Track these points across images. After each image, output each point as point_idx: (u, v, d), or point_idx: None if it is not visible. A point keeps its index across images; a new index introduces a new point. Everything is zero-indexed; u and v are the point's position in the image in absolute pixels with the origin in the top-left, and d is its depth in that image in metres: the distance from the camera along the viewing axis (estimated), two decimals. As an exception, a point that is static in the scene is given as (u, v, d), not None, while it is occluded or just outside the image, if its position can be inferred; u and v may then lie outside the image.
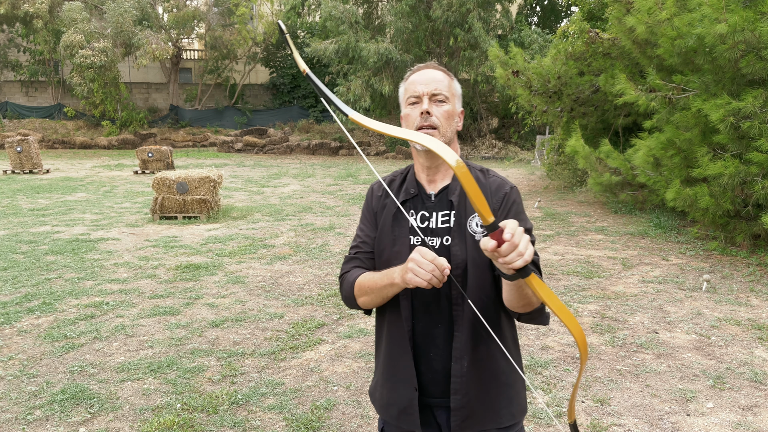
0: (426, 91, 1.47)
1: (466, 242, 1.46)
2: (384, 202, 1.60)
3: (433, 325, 1.49)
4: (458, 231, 1.47)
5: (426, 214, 1.52)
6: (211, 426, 3.09)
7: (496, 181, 1.54)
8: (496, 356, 1.51)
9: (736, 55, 5.95)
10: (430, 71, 1.51)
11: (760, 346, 4.18)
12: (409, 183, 1.58)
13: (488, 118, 27.22)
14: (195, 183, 9.30)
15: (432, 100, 1.48)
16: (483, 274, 1.46)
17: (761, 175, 6.16)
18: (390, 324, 1.57)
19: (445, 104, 1.49)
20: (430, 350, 1.51)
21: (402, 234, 1.52)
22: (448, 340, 1.48)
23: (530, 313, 1.39)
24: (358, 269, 1.56)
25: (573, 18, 13.61)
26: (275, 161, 21.68)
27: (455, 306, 1.47)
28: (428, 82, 1.49)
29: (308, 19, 29.52)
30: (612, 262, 6.57)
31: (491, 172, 1.57)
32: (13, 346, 4.18)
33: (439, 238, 1.49)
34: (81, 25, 25.52)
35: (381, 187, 1.63)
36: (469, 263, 1.45)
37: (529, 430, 3.07)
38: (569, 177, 12.81)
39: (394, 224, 1.54)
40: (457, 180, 1.51)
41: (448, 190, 1.53)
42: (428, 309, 1.50)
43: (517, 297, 1.31)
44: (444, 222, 1.50)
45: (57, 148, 26.69)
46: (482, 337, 1.49)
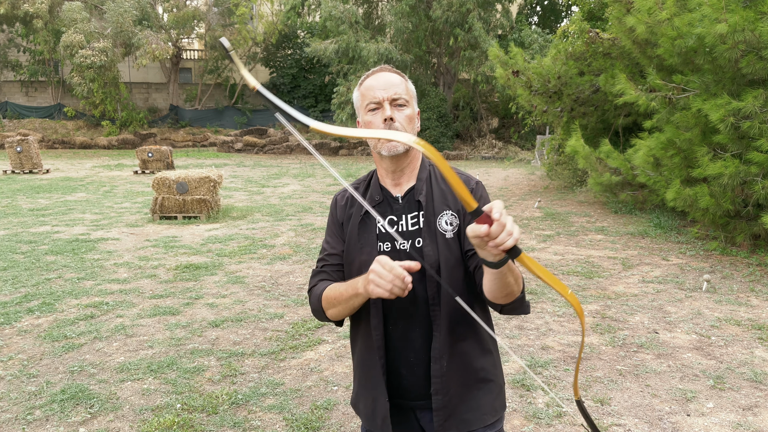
0: (386, 96, 1.44)
1: (437, 242, 1.45)
2: (349, 211, 1.57)
3: (410, 328, 1.48)
4: (428, 231, 1.46)
5: (394, 218, 1.50)
6: (211, 426, 3.09)
7: (461, 176, 1.51)
8: (475, 353, 1.50)
9: (736, 55, 5.95)
10: (387, 75, 1.48)
11: (760, 346, 4.18)
12: (373, 189, 1.56)
13: (488, 118, 27.22)
14: (195, 183, 9.30)
15: (393, 105, 1.45)
16: (455, 272, 1.45)
17: (761, 175, 6.16)
18: (362, 333, 1.55)
19: (405, 108, 1.47)
20: (409, 354, 1.49)
21: (369, 241, 1.50)
22: (426, 341, 1.47)
23: (512, 303, 1.37)
24: (325, 282, 1.53)
25: (573, 18, 13.61)
26: (275, 161, 21.68)
27: (432, 307, 1.45)
28: (387, 87, 1.45)
29: (308, 19, 29.52)
30: (612, 262, 6.57)
31: (455, 169, 1.52)
32: (13, 346, 4.18)
33: (410, 241, 1.47)
34: (81, 25, 25.52)
35: (345, 196, 1.61)
36: (442, 263, 1.44)
37: (529, 430, 3.07)
38: (569, 177, 12.81)
39: (361, 232, 1.52)
40: (422, 180, 1.52)
41: (414, 191, 1.52)
42: (405, 313, 1.48)
43: (500, 286, 1.28)
44: (414, 224, 1.48)
45: (57, 148, 26.69)
46: (460, 336, 1.48)
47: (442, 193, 1.52)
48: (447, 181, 1.10)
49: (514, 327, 4.54)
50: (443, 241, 1.45)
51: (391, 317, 1.49)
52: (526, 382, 3.58)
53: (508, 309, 1.39)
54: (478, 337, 1.52)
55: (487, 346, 1.55)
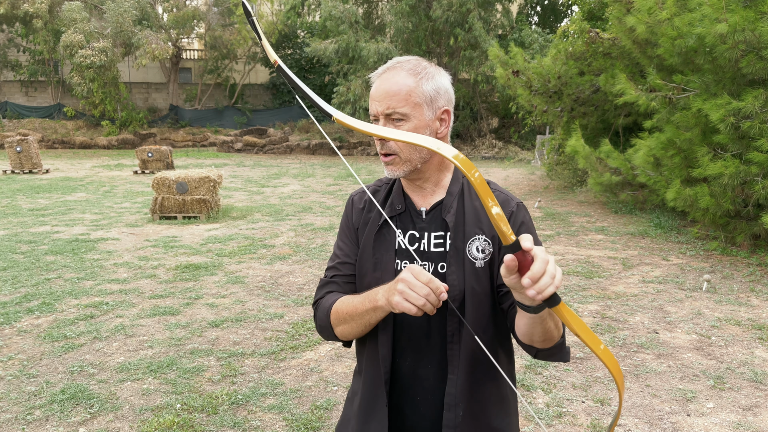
0: (380, 111, 1.24)
1: (465, 270, 1.25)
2: (367, 216, 1.37)
3: (421, 364, 1.28)
4: (455, 256, 1.26)
5: (416, 234, 1.29)
6: (211, 426, 3.09)
7: (500, 196, 1.31)
8: (492, 401, 1.32)
9: (737, 54, 5.95)
10: (390, 79, 1.25)
11: (760, 346, 4.17)
12: (395, 196, 1.35)
13: (488, 117, 27.22)
14: (195, 183, 9.30)
15: (388, 120, 1.24)
16: (482, 307, 1.26)
17: (761, 175, 6.15)
18: (368, 361, 1.34)
19: (404, 123, 1.23)
20: (416, 393, 1.29)
21: (386, 257, 1.30)
22: (439, 383, 1.27)
23: (550, 348, 1.19)
24: (336, 294, 1.33)
25: (573, 18, 13.61)
26: (275, 161, 21.68)
27: (450, 344, 1.26)
28: (382, 99, 1.23)
29: (308, 18, 29.52)
30: (612, 262, 6.56)
31: (493, 185, 1.34)
32: (13, 346, 4.18)
33: (432, 264, 1.27)
34: (81, 24, 25.51)
35: (363, 197, 1.40)
36: (468, 295, 1.24)
37: (529, 430, 3.06)
38: (569, 177, 12.81)
39: (377, 244, 1.31)
40: (453, 195, 1.31)
41: (441, 206, 1.31)
42: (416, 345, 1.28)
43: (540, 331, 1.11)
44: (438, 245, 1.28)
45: (57, 148, 26.69)
46: (479, 381, 1.28)
47: (475, 213, 1.30)
48: (482, 203, 0.93)
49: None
50: (472, 269, 1.25)
51: (398, 349, 1.29)
52: (527, 382, 3.58)
53: (544, 354, 1.21)
54: (497, 385, 1.32)
55: (507, 395, 1.36)
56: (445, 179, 1.33)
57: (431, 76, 1.26)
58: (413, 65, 1.26)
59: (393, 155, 1.25)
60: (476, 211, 1.30)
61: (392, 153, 1.25)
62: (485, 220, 1.29)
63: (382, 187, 1.40)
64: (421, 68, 1.26)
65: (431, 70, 1.27)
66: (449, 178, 1.34)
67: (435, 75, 1.27)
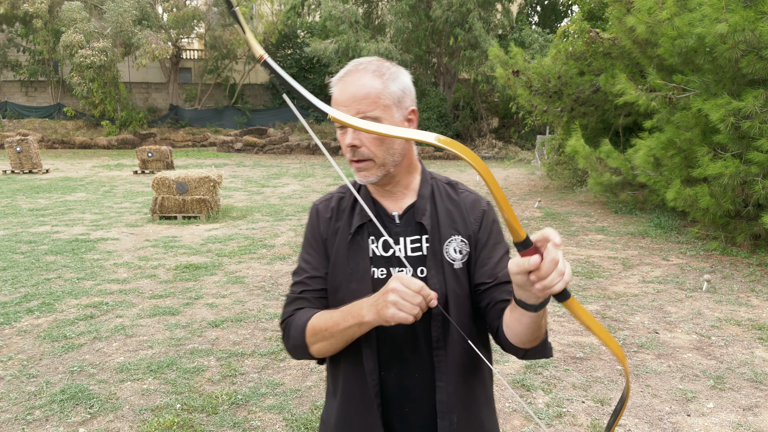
0: None
1: (444, 272, 1.23)
2: (335, 225, 1.30)
3: (407, 375, 1.24)
4: (434, 260, 1.23)
5: (390, 241, 1.25)
6: (211, 426, 3.09)
7: (470, 196, 1.31)
8: (483, 407, 1.31)
9: (737, 54, 5.95)
10: (354, 82, 1.18)
11: (760, 346, 4.17)
12: (364, 200, 1.28)
13: (488, 117, 27.23)
14: (195, 183, 9.30)
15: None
16: (464, 308, 1.24)
17: (761, 175, 6.15)
18: (348, 379, 1.28)
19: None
20: (404, 405, 1.25)
21: (361, 266, 1.24)
22: (427, 391, 1.24)
23: (537, 346, 1.17)
24: (308, 310, 1.26)
25: (573, 18, 13.61)
26: (275, 161, 21.67)
27: (436, 351, 1.22)
28: (350, 103, 1.17)
29: (308, 18, 29.53)
30: (612, 262, 6.56)
31: (461, 185, 1.34)
32: (13, 346, 4.18)
33: (411, 269, 1.24)
34: (80, 24, 25.51)
35: (329, 206, 1.33)
36: (450, 297, 1.22)
37: (529, 430, 3.06)
38: (569, 177, 12.81)
39: (351, 254, 1.25)
40: (425, 198, 1.28)
41: (414, 209, 1.27)
42: (401, 356, 1.24)
43: (532, 330, 1.09)
44: (415, 249, 1.24)
45: (56, 148, 26.69)
46: (470, 386, 1.27)
47: (449, 214, 1.28)
48: (495, 199, 0.92)
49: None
50: (451, 271, 1.23)
51: (383, 360, 1.25)
52: (527, 382, 3.58)
53: (532, 353, 1.19)
54: (485, 387, 1.32)
55: (491, 395, 1.35)
56: (414, 182, 1.30)
57: (396, 75, 1.22)
58: (377, 66, 1.21)
59: (367, 161, 1.20)
60: (449, 213, 1.28)
61: (366, 159, 1.20)
62: (459, 221, 1.27)
63: (347, 194, 1.34)
64: (385, 69, 1.21)
65: (394, 69, 1.23)
66: (418, 180, 1.31)
67: (399, 75, 1.23)
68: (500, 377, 1.34)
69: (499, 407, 3.29)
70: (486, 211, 1.30)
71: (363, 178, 1.22)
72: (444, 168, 19.31)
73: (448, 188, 1.32)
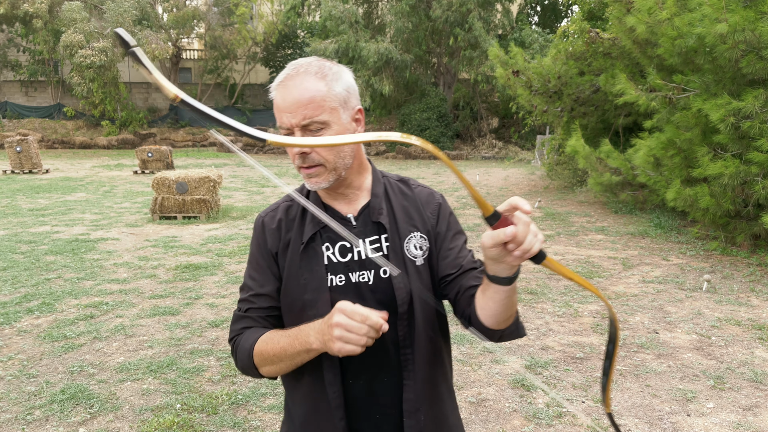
0: (294, 123, 1.12)
1: (408, 271, 1.20)
2: (286, 237, 1.24)
3: (376, 379, 1.21)
4: (396, 259, 1.20)
5: (346, 245, 1.21)
6: (211, 426, 3.09)
7: (424, 191, 1.31)
8: (447, 401, 1.30)
9: (737, 54, 5.95)
10: (296, 88, 1.12)
11: (760, 346, 4.17)
12: (315, 207, 1.22)
13: (488, 117, 27.23)
14: (195, 183, 9.29)
15: (305, 131, 1.13)
16: (428, 305, 1.22)
17: (761, 175, 6.15)
18: (306, 389, 1.24)
19: (324, 130, 1.13)
20: (374, 411, 1.22)
21: (316, 276, 1.20)
22: (396, 393, 1.21)
23: (512, 324, 1.15)
24: (254, 330, 1.22)
25: (573, 18, 13.61)
26: (275, 161, 21.68)
27: (403, 350, 1.20)
28: (294, 109, 1.11)
29: (308, 18, 29.53)
30: (612, 262, 6.56)
31: (413, 181, 1.32)
32: (13, 346, 4.18)
33: (373, 271, 1.20)
34: (80, 24, 25.52)
35: (276, 217, 1.27)
36: (414, 295, 1.20)
37: (529, 430, 3.06)
38: (569, 177, 12.81)
39: (304, 264, 1.21)
40: (378, 196, 1.25)
41: (369, 209, 1.24)
42: (370, 362, 1.20)
43: (506, 306, 1.07)
44: (375, 250, 1.21)
45: (56, 148, 26.69)
46: (435, 381, 1.26)
47: (405, 211, 1.26)
48: (462, 182, 0.92)
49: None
50: (414, 269, 1.21)
51: (351, 369, 1.20)
52: (526, 382, 3.58)
53: (507, 334, 1.17)
54: (446, 379, 1.31)
55: (453, 389, 1.35)
56: (366, 182, 1.27)
57: (339, 75, 1.17)
58: (318, 67, 1.15)
59: (317, 166, 1.15)
60: (406, 210, 1.26)
61: (317, 164, 1.15)
62: (416, 216, 1.26)
63: (294, 202, 1.28)
64: (327, 69, 1.16)
65: (336, 69, 1.18)
66: (370, 179, 1.27)
67: (342, 74, 1.18)
68: (497, 384, 1.28)
69: (499, 407, 3.29)
70: (441, 203, 1.29)
71: (314, 184, 1.17)
72: (444, 168, 19.32)
73: (400, 185, 1.30)
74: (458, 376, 3.68)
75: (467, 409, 3.29)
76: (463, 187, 0.99)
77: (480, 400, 3.37)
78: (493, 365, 3.84)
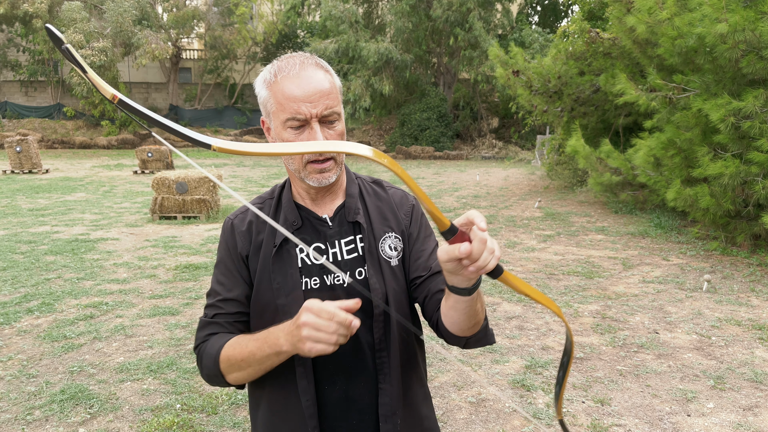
0: (315, 113, 1.09)
1: (383, 271, 1.19)
2: (257, 239, 1.21)
3: (352, 385, 1.19)
4: (371, 259, 1.19)
5: (322, 246, 1.19)
6: (211, 426, 3.09)
7: (398, 192, 1.31)
8: (422, 403, 1.28)
9: (737, 54, 5.95)
10: (312, 75, 1.11)
11: (760, 346, 4.17)
12: (287, 209, 1.22)
13: (488, 117, 27.22)
14: (194, 183, 9.29)
15: (323, 123, 1.11)
16: (402, 306, 1.22)
17: (762, 175, 6.15)
18: (274, 397, 1.21)
19: (338, 124, 1.13)
20: (352, 417, 1.20)
21: (290, 279, 1.16)
22: (373, 397, 1.20)
23: (477, 333, 1.13)
24: (221, 336, 1.17)
25: (573, 17, 13.61)
26: (275, 161, 21.67)
27: (379, 353, 1.18)
28: (316, 99, 1.09)
29: (308, 18, 29.53)
30: (612, 262, 6.56)
31: (386, 183, 1.33)
32: (13, 347, 4.18)
33: (347, 272, 1.19)
34: (80, 24, 25.52)
35: (246, 219, 1.25)
36: (390, 296, 1.18)
37: (529, 430, 3.06)
38: (570, 177, 12.81)
39: (276, 267, 1.17)
40: (353, 197, 1.24)
41: (345, 210, 1.22)
42: (346, 367, 1.18)
43: (468, 316, 1.06)
44: (351, 251, 1.20)
45: (56, 148, 26.69)
46: (409, 385, 1.25)
47: (379, 211, 1.25)
48: (414, 193, 0.89)
49: (515, 327, 4.53)
50: (389, 270, 1.20)
51: (326, 375, 1.18)
52: (527, 382, 3.58)
53: (473, 341, 1.16)
54: (421, 383, 1.30)
55: (429, 392, 1.34)
56: (344, 181, 1.26)
57: (334, 72, 1.18)
58: (316, 61, 1.16)
59: (330, 160, 1.14)
60: (380, 210, 1.25)
61: (330, 158, 1.13)
62: (391, 217, 1.25)
63: (264, 203, 1.26)
64: (324, 63, 1.17)
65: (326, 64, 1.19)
66: (344, 180, 1.26)
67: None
68: (497, 384, 1.26)
69: (499, 407, 3.29)
70: (414, 205, 1.29)
71: (323, 179, 1.15)
72: (444, 168, 19.32)
73: (374, 186, 1.30)
74: (458, 376, 3.68)
75: (467, 409, 3.28)
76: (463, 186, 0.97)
77: (480, 400, 3.37)
78: (493, 365, 3.84)
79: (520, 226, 8.79)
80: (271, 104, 1.14)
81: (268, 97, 1.14)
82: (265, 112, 1.17)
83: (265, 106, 1.16)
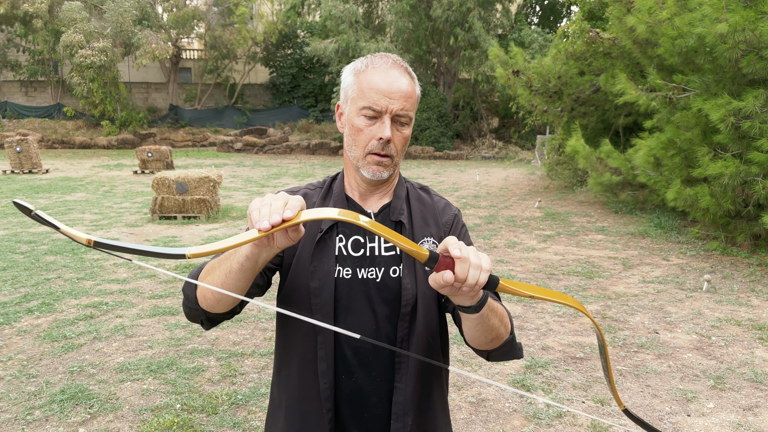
0: (391, 109, 1.14)
1: (416, 273, 1.21)
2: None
3: (369, 378, 1.21)
4: (407, 259, 1.22)
5: (361, 240, 1.22)
6: (211, 426, 3.09)
7: (442, 200, 1.35)
8: (439, 411, 1.29)
9: (737, 54, 5.95)
10: (398, 75, 1.17)
11: (760, 346, 4.17)
12: (336, 199, 1.26)
13: (488, 117, 27.22)
14: (194, 183, 9.29)
15: (395, 121, 1.16)
16: (431, 311, 1.23)
17: (762, 175, 6.15)
18: (296, 378, 1.24)
19: (406, 128, 1.18)
20: (364, 410, 1.21)
21: (325, 265, 1.20)
22: (387, 393, 1.21)
23: (500, 347, 1.16)
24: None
25: (573, 18, 13.61)
26: (275, 161, 21.67)
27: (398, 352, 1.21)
28: (398, 97, 1.15)
29: (308, 18, 29.53)
30: (612, 262, 6.56)
31: (433, 191, 1.36)
32: (13, 347, 4.17)
33: (383, 268, 1.21)
34: (80, 24, 25.51)
35: (308, 196, 1.31)
36: (419, 299, 1.20)
37: (529, 430, 3.06)
38: (570, 177, 12.81)
39: (317, 252, 1.21)
40: (400, 198, 1.28)
41: (390, 209, 1.26)
42: (365, 360, 1.21)
43: (484, 331, 1.09)
44: (389, 248, 1.22)
45: (56, 148, 26.68)
46: (427, 388, 1.25)
47: (422, 215, 1.29)
48: (391, 239, 0.92)
49: (515, 327, 4.53)
50: (422, 273, 1.22)
51: (343, 364, 1.20)
52: (527, 383, 3.58)
53: (496, 355, 1.19)
54: (441, 390, 1.30)
55: (447, 400, 1.34)
56: (394, 183, 1.30)
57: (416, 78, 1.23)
58: (406, 66, 1.22)
59: (390, 157, 1.18)
60: (423, 214, 1.29)
61: (390, 156, 1.18)
62: (432, 223, 1.28)
63: (316, 190, 1.31)
64: (411, 70, 1.23)
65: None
66: (395, 181, 1.30)
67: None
68: (497, 383, 1.29)
69: (499, 407, 3.29)
70: (457, 215, 1.32)
71: (379, 172, 1.19)
72: (444, 168, 19.31)
73: (421, 192, 1.34)
74: (458, 376, 3.68)
75: (467, 409, 3.28)
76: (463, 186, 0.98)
77: (480, 400, 3.37)
78: (493, 365, 3.83)
79: (520, 226, 8.79)
80: (352, 90, 1.19)
81: (352, 83, 1.19)
82: (344, 96, 1.22)
83: (346, 91, 1.21)
